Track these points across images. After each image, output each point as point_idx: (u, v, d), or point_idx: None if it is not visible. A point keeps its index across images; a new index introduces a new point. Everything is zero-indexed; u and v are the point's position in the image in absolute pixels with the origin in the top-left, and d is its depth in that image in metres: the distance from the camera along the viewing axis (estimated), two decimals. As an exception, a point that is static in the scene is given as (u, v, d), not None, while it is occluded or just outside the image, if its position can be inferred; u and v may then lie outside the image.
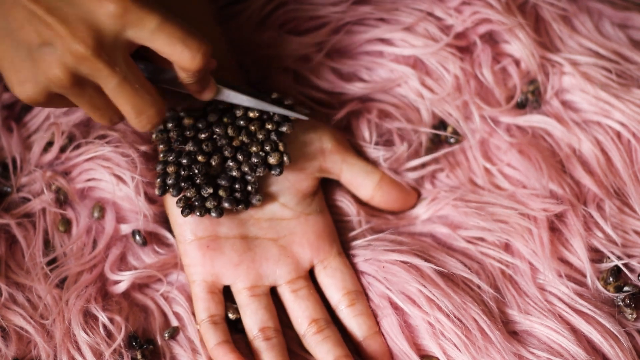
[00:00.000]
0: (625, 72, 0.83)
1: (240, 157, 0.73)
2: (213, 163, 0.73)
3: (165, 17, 0.64)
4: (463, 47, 0.84)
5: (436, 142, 0.82)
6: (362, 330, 0.73)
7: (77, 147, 0.79)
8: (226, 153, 0.73)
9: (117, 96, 0.65)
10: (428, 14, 0.83)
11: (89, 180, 0.78)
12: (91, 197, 0.78)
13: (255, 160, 0.73)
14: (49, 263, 0.76)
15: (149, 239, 0.77)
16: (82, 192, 0.78)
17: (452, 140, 0.81)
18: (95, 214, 0.77)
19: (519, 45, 0.83)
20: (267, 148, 0.73)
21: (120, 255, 0.77)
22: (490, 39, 0.84)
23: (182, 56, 0.64)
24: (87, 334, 0.71)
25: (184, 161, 0.72)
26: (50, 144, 0.79)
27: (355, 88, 0.82)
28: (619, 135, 0.81)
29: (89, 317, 0.72)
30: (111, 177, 0.77)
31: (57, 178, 0.78)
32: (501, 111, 0.82)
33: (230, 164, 0.73)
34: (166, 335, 0.74)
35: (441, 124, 0.82)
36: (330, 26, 0.83)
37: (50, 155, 0.79)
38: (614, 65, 0.83)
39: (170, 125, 0.74)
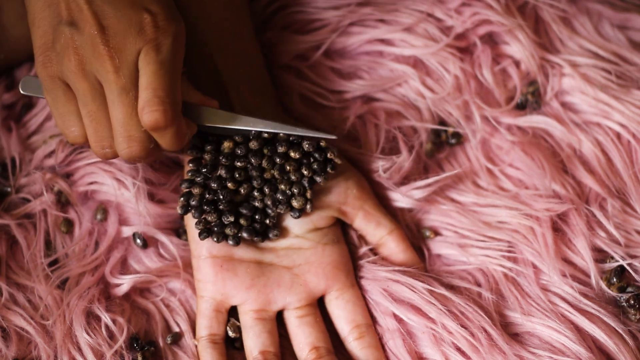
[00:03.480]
0: (624, 73, 0.84)
1: (266, 189, 0.73)
2: (242, 191, 0.72)
3: (164, 62, 0.65)
4: (463, 48, 0.84)
5: (437, 143, 0.82)
6: None
7: (80, 151, 0.78)
8: (254, 183, 0.72)
9: (114, 105, 0.65)
10: (428, 15, 0.84)
11: (91, 183, 0.78)
12: (94, 199, 0.78)
13: (280, 197, 0.72)
14: (50, 264, 0.75)
15: (150, 242, 0.77)
16: (84, 195, 0.78)
17: (452, 141, 0.81)
18: (98, 216, 0.77)
19: (518, 47, 0.83)
20: (295, 191, 0.72)
21: (122, 258, 0.76)
22: (490, 40, 0.84)
23: (140, 105, 0.65)
24: (89, 334, 0.71)
25: (213, 185, 0.72)
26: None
27: (355, 85, 0.82)
28: (618, 136, 0.81)
29: (91, 318, 0.72)
30: (113, 182, 0.77)
31: (57, 180, 0.78)
32: (501, 112, 0.82)
33: (255, 194, 0.73)
34: (169, 339, 0.73)
35: (441, 125, 0.82)
36: (330, 27, 0.83)
37: (52, 160, 0.79)
38: (613, 66, 0.83)
39: (208, 147, 0.73)
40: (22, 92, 0.71)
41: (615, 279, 0.74)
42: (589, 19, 0.85)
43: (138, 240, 0.76)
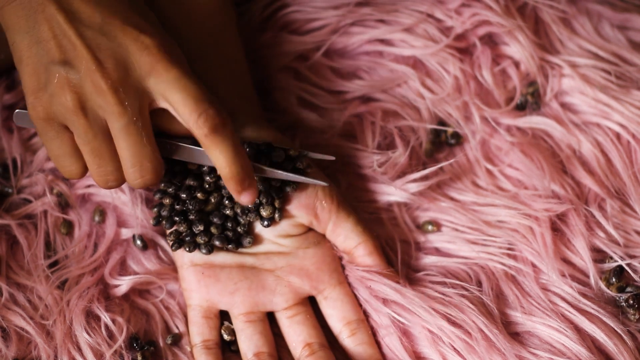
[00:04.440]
0: (624, 73, 0.84)
1: None
2: (212, 200, 0.72)
3: (185, 73, 0.64)
4: (463, 49, 0.84)
5: (436, 144, 0.82)
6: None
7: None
8: (223, 192, 0.72)
9: (121, 138, 0.64)
10: (428, 15, 0.84)
11: (88, 186, 0.78)
12: (92, 201, 0.78)
13: (249, 205, 0.72)
14: (50, 265, 0.75)
15: (150, 244, 0.77)
16: (83, 197, 0.78)
17: (452, 141, 0.81)
18: (96, 218, 0.77)
19: (518, 47, 0.83)
20: (264, 200, 0.72)
21: (121, 259, 0.76)
22: (490, 40, 0.85)
23: (191, 117, 0.64)
24: (88, 334, 0.71)
25: (183, 195, 0.72)
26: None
27: (355, 86, 0.82)
28: (618, 136, 0.81)
29: (90, 318, 0.72)
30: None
31: (58, 183, 0.78)
32: (501, 112, 0.82)
33: (226, 202, 0.73)
34: (169, 340, 0.73)
35: (441, 126, 0.82)
36: (330, 27, 0.83)
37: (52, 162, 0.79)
38: (613, 67, 0.83)
39: None
40: (16, 124, 0.70)
41: (614, 279, 0.74)
42: (589, 20, 0.85)
43: (138, 242, 0.76)
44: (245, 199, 0.67)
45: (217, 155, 0.65)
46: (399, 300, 0.72)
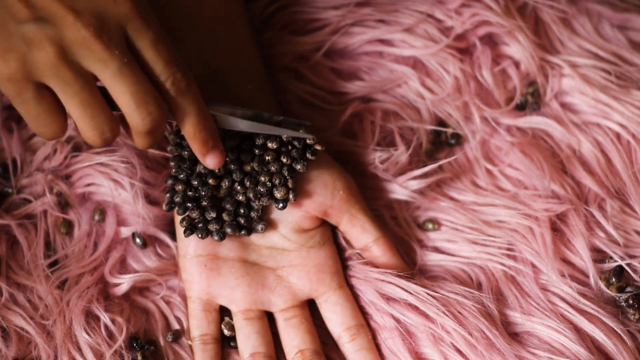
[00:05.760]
0: (624, 73, 0.84)
1: (247, 182, 0.72)
2: (223, 186, 0.72)
3: (158, 35, 0.63)
4: (463, 49, 0.84)
5: (436, 144, 0.82)
6: None
7: (78, 151, 0.79)
8: (234, 176, 0.72)
9: (116, 83, 0.62)
10: (428, 15, 0.84)
11: (89, 185, 0.78)
12: (92, 200, 0.78)
13: (262, 190, 0.72)
14: (50, 265, 0.76)
15: (149, 241, 0.77)
16: (82, 196, 0.78)
17: (452, 141, 0.81)
18: (96, 217, 0.77)
19: (518, 48, 0.83)
20: (276, 181, 0.72)
21: (121, 258, 0.76)
22: (490, 40, 0.85)
23: (160, 77, 0.63)
24: (88, 334, 0.71)
25: (195, 182, 0.72)
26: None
27: (355, 87, 0.82)
28: (618, 136, 0.82)
29: (90, 318, 0.72)
30: (109, 183, 0.77)
31: (57, 182, 0.78)
32: (501, 112, 0.82)
33: (238, 187, 0.72)
34: (169, 337, 0.73)
35: (441, 126, 0.82)
36: (330, 27, 0.83)
37: (53, 162, 0.79)
38: (613, 67, 0.83)
39: (185, 142, 0.73)
40: None
41: (614, 279, 0.74)
42: (589, 20, 0.85)
43: (137, 240, 0.76)
44: (210, 161, 0.67)
45: (181, 116, 0.65)
46: (412, 301, 0.72)
